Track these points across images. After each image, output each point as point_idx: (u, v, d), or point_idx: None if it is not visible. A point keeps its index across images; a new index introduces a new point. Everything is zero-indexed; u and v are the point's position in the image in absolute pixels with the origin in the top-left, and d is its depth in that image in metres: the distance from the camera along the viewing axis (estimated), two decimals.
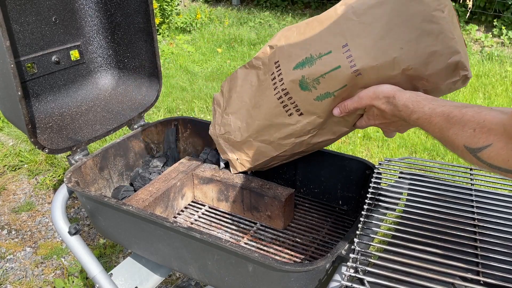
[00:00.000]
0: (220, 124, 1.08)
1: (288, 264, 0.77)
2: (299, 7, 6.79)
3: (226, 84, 1.07)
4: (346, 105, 0.85)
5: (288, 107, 0.93)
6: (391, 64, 0.78)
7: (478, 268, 0.70)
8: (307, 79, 0.87)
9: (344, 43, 0.81)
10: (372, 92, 0.80)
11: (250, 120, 1.00)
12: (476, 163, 0.61)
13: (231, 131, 1.05)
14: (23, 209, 2.43)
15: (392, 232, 0.79)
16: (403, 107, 0.74)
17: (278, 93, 0.92)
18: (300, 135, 0.96)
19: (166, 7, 5.24)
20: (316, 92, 0.87)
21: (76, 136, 1.17)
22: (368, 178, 1.07)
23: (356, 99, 0.83)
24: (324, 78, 0.84)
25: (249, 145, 1.04)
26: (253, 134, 1.01)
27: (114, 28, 1.29)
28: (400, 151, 2.79)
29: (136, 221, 0.96)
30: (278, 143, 0.99)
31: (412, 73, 0.79)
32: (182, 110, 3.49)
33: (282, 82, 0.91)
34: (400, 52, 0.78)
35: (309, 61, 0.86)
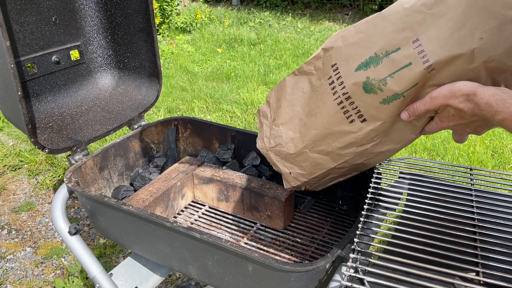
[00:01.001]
0: (270, 137, 0.99)
1: (288, 264, 0.77)
2: (299, 7, 6.80)
3: (273, 94, 0.98)
4: (416, 108, 0.77)
5: (350, 113, 0.84)
6: (470, 56, 0.71)
7: (478, 268, 0.70)
8: (372, 80, 0.79)
9: (415, 38, 0.75)
10: (447, 91, 0.72)
11: (304, 130, 0.92)
12: None
13: (283, 143, 0.96)
14: (23, 209, 2.43)
15: (392, 232, 0.79)
16: (486, 105, 0.66)
17: (338, 98, 0.84)
18: (362, 143, 0.87)
19: (166, 7, 5.24)
20: (382, 95, 0.79)
21: (76, 136, 1.17)
22: (368, 178, 1.07)
23: (428, 100, 0.75)
24: (393, 78, 0.77)
25: (304, 157, 0.95)
26: (309, 145, 0.93)
27: (114, 28, 1.29)
28: (400, 151, 2.79)
29: (136, 221, 0.96)
30: (337, 153, 0.91)
31: (494, 65, 0.71)
32: (182, 110, 3.49)
33: (342, 85, 0.83)
34: (481, 43, 0.70)
35: (374, 61, 0.79)
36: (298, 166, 0.97)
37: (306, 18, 6.22)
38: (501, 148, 2.79)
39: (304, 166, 0.96)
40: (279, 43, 5.19)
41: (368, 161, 0.93)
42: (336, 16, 6.36)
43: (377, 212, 0.89)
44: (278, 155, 0.99)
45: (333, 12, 6.56)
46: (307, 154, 0.94)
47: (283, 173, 1.01)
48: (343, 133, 0.88)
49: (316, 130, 0.90)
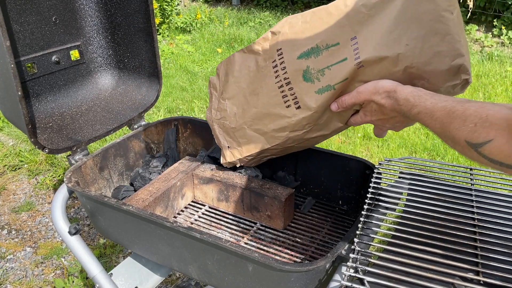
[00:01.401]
0: (217, 109, 1.05)
1: (288, 264, 0.77)
2: (299, 7, 6.79)
3: (222, 68, 1.04)
4: (344, 100, 0.85)
5: (287, 98, 0.91)
6: (395, 59, 0.78)
7: (478, 268, 0.70)
8: (311, 69, 0.85)
9: (353, 36, 0.81)
10: (372, 87, 0.79)
11: (246, 107, 0.98)
12: (477, 159, 0.60)
13: (227, 117, 1.02)
14: (23, 209, 2.43)
15: (392, 232, 0.79)
16: (404, 101, 0.73)
17: (279, 82, 0.91)
18: (294, 129, 0.94)
19: (166, 7, 5.24)
20: (318, 85, 0.86)
21: (76, 136, 1.17)
22: (368, 178, 1.07)
23: (355, 94, 0.82)
24: (330, 70, 0.83)
25: (243, 133, 1.01)
26: (248, 121, 0.99)
27: (114, 28, 1.29)
28: (400, 151, 2.79)
29: (136, 221, 0.96)
30: (271, 135, 0.97)
31: (414, 71, 0.78)
32: (182, 110, 3.49)
33: (284, 70, 0.89)
34: (405, 49, 0.77)
35: (315, 52, 0.85)
36: (236, 142, 1.04)
37: None
38: None
39: (241, 143, 1.03)
40: None
41: (299, 145, 1.00)
42: None
43: (377, 212, 0.89)
44: (222, 127, 1.06)
45: None
46: (246, 131, 1.00)
47: (222, 146, 1.08)
48: (279, 116, 0.94)
49: (256, 109, 0.96)
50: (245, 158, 1.06)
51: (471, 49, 4.60)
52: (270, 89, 0.93)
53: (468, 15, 4.96)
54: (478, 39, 4.76)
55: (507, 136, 0.54)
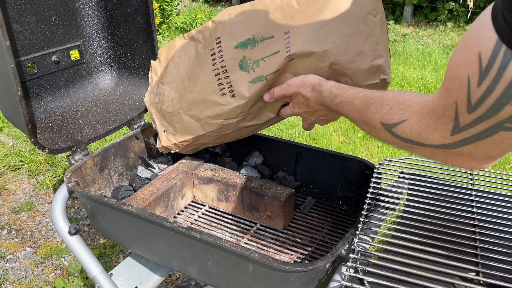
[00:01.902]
0: (155, 93, 1.07)
1: (288, 264, 0.77)
2: None
3: (164, 52, 1.06)
4: (275, 92, 0.89)
5: (223, 86, 0.93)
6: (322, 55, 0.83)
7: (478, 268, 0.70)
8: (248, 60, 0.89)
9: (287, 30, 0.85)
10: (300, 80, 0.84)
11: (183, 92, 1.00)
12: (389, 140, 0.64)
13: (164, 101, 1.04)
14: (23, 209, 2.43)
15: (392, 232, 0.79)
16: (328, 92, 0.78)
17: (216, 69, 0.93)
18: (229, 117, 0.96)
19: (166, 7, 5.24)
20: (253, 75, 0.89)
21: (76, 136, 1.17)
22: (368, 178, 1.07)
23: (285, 86, 0.87)
24: (264, 61, 0.87)
25: (179, 118, 1.03)
26: (184, 107, 1.01)
27: (114, 28, 1.29)
28: (400, 151, 2.78)
29: (136, 221, 0.96)
30: (206, 122, 0.99)
31: (338, 68, 0.83)
32: None
33: (222, 59, 0.92)
34: (332, 46, 0.82)
35: (251, 43, 0.89)
36: (172, 126, 1.05)
37: None
38: None
39: (177, 128, 1.04)
40: None
41: (234, 134, 1.02)
42: None
43: (377, 212, 0.89)
44: (159, 111, 1.07)
45: None
46: (181, 116, 1.02)
47: (158, 130, 1.09)
48: (214, 104, 0.96)
49: (192, 94, 0.98)
50: (180, 144, 1.07)
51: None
52: (207, 76, 0.95)
53: (468, 15, 4.96)
54: None
55: (419, 116, 0.58)
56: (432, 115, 0.56)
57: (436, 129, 0.56)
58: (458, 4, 4.99)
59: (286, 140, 1.23)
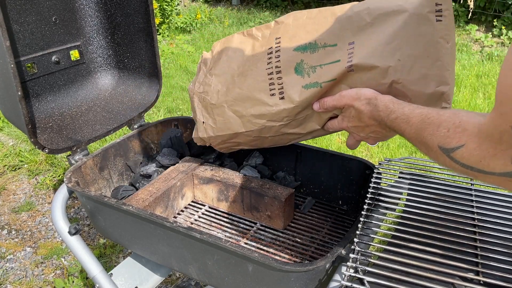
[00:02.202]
0: (201, 83, 1.05)
1: (288, 264, 0.77)
2: (299, 7, 6.79)
3: (219, 45, 1.04)
4: (326, 101, 0.86)
5: (274, 86, 0.91)
6: (384, 71, 0.80)
7: (478, 268, 0.70)
8: (305, 64, 0.87)
9: (352, 41, 0.83)
10: (354, 93, 0.81)
11: (231, 86, 0.98)
12: (449, 165, 0.61)
13: (209, 92, 1.02)
14: (23, 209, 2.43)
15: (392, 232, 0.79)
16: (384, 107, 0.75)
17: (270, 69, 0.92)
18: (273, 119, 0.94)
19: (166, 7, 5.24)
20: (307, 80, 0.87)
21: (76, 136, 1.17)
22: (368, 178, 1.07)
23: (337, 97, 0.84)
24: (321, 68, 0.85)
25: (221, 111, 1.01)
26: (229, 101, 0.99)
27: (114, 28, 1.29)
28: (400, 151, 2.78)
29: (136, 221, 0.96)
30: (248, 120, 0.97)
31: (399, 87, 0.81)
32: (182, 110, 3.49)
33: (278, 59, 0.90)
34: (396, 63, 0.79)
35: (312, 47, 0.86)
36: (213, 118, 1.03)
37: None
38: None
39: (217, 120, 1.02)
40: None
41: (273, 139, 1.00)
42: None
43: (377, 212, 0.89)
44: (201, 101, 1.05)
45: None
46: (224, 109, 1.00)
47: (198, 120, 1.07)
48: (260, 103, 0.94)
49: (240, 90, 0.96)
50: (217, 138, 1.05)
51: (471, 49, 4.60)
52: (259, 74, 0.93)
53: (469, 15, 4.96)
54: (478, 39, 4.76)
55: (477, 141, 0.55)
56: (490, 141, 0.52)
57: (496, 155, 0.52)
58: (459, 4, 4.99)
59: None
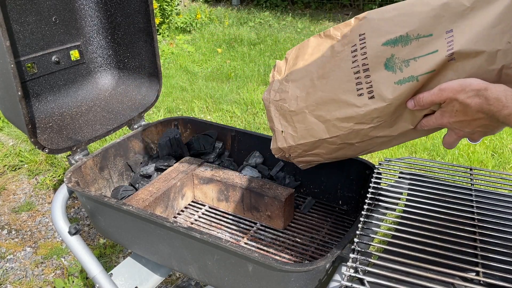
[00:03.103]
0: (277, 90, 0.98)
1: (288, 264, 0.77)
2: (299, 7, 6.79)
3: (294, 52, 0.98)
4: (422, 97, 0.77)
5: (361, 86, 0.83)
6: (492, 56, 0.72)
7: (478, 268, 0.70)
8: (396, 58, 0.79)
9: (449, 29, 0.75)
10: (457, 85, 0.72)
11: (311, 90, 0.90)
12: None
13: (287, 99, 0.95)
14: (23, 209, 2.43)
15: (392, 232, 0.79)
16: (495, 100, 0.67)
17: (356, 67, 0.83)
18: (361, 121, 0.85)
19: (166, 7, 5.24)
20: (400, 75, 0.79)
21: (76, 136, 1.17)
22: (368, 178, 1.07)
23: (436, 91, 0.74)
24: (416, 61, 0.77)
25: (302, 118, 0.93)
26: (310, 106, 0.91)
27: (114, 28, 1.29)
28: (400, 151, 2.78)
29: (136, 221, 0.96)
30: (333, 124, 0.89)
31: (510, 73, 0.72)
32: (182, 110, 3.49)
33: (365, 56, 0.82)
34: (507, 46, 0.71)
35: (404, 40, 0.78)
36: (292, 126, 0.96)
37: (306, 18, 6.22)
38: (501, 148, 2.79)
39: (297, 128, 0.95)
40: (279, 43, 5.19)
41: (360, 145, 0.91)
42: (336, 16, 6.37)
43: (377, 212, 0.89)
44: (278, 110, 0.98)
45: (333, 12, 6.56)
46: (305, 116, 0.93)
47: (276, 129, 0.99)
48: (347, 104, 0.86)
49: (322, 93, 0.89)
50: (297, 147, 0.97)
51: None
52: (343, 74, 0.85)
53: None
54: None
55: None
56: None
57: None
58: None
59: None
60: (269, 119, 1.01)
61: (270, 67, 4.42)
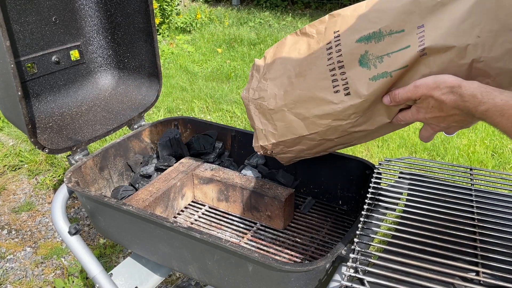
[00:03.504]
0: (255, 89, 0.99)
1: (288, 264, 0.77)
2: (299, 7, 6.80)
3: (271, 51, 0.99)
4: (397, 94, 0.78)
5: (337, 83, 0.84)
6: (462, 51, 0.72)
7: (478, 268, 0.70)
8: (370, 55, 0.80)
9: (421, 24, 0.76)
10: (432, 81, 0.72)
11: (289, 89, 0.92)
12: None
13: (266, 97, 0.96)
14: (23, 209, 2.43)
15: (392, 232, 0.79)
16: (470, 97, 0.67)
17: (331, 65, 0.85)
18: (338, 117, 0.87)
19: (166, 7, 5.24)
20: (374, 71, 0.80)
21: (76, 136, 1.17)
22: (368, 178, 1.07)
23: (411, 88, 0.75)
24: (389, 57, 0.78)
25: (281, 116, 0.95)
26: (289, 104, 0.92)
27: (114, 28, 1.29)
28: (400, 151, 2.78)
29: (136, 221, 0.96)
30: (312, 121, 0.90)
31: (480, 66, 0.73)
32: (182, 110, 3.50)
33: (339, 53, 0.83)
34: (476, 41, 0.71)
35: (377, 36, 0.79)
36: (272, 124, 0.97)
37: (306, 18, 6.22)
38: (501, 148, 2.79)
39: (277, 126, 0.96)
40: None
41: (339, 140, 0.93)
42: None
43: (377, 212, 0.89)
44: (258, 108, 0.99)
45: None
46: (285, 113, 0.94)
47: (256, 128, 1.01)
48: (324, 102, 0.87)
49: (300, 91, 0.90)
50: (279, 144, 0.99)
51: None
52: (319, 72, 0.86)
53: None
54: None
55: None
56: None
57: None
58: None
59: None
60: (249, 117, 1.02)
61: None
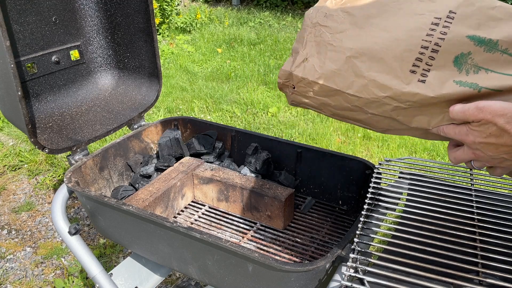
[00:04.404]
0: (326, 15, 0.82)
1: (288, 264, 0.77)
2: (299, 7, 6.80)
3: None
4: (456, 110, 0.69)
5: (419, 64, 0.71)
6: None
7: (478, 268, 0.70)
8: (470, 58, 0.69)
9: None
10: (499, 107, 0.64)
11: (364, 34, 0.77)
12: None
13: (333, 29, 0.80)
14: (23, 209, 2.43)
15: (392, 232, 0.79)
16: None
17: (426, 42, 0.71)
18: (395, 97, 0.74)
19: (166, 7, 5.24)
20: (464, 77, 0.69)
21: (76, 136, 1.17)
22: (368, 178, 1.07)
23: (473, 109, 0.66)
24: (487, 74, 0.68)
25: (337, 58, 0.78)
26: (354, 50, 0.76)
27: (114, 28, 1.29)
28: (400, 151, 2.79)
29: (136, 221, 0.96)
30: (365, 84, 0.75)
31: None
32: (182, 110, 3.50)
33: (443, 36, 0.71)
34: None
35: (490, 45, 0.68)
36: (321, 60, 0.80)
37: None
38: None
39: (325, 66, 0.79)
40: (279, 43, 5.19)
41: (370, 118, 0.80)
42: None
43: (377, 212, 0.89)
44: (316, 35, 0.82)
45: None
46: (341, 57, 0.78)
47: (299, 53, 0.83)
48: (393, 73, 0.73)
49: (374, 45, 0.75)
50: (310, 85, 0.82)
51: None
52: (408, 40, 0.72)
53: None
54: None
55: None
56: None
57: None
58: None
59: (286, 140, 1.23)
60: (298, 38, 0.84)
61: (270, 67, 4.42)
